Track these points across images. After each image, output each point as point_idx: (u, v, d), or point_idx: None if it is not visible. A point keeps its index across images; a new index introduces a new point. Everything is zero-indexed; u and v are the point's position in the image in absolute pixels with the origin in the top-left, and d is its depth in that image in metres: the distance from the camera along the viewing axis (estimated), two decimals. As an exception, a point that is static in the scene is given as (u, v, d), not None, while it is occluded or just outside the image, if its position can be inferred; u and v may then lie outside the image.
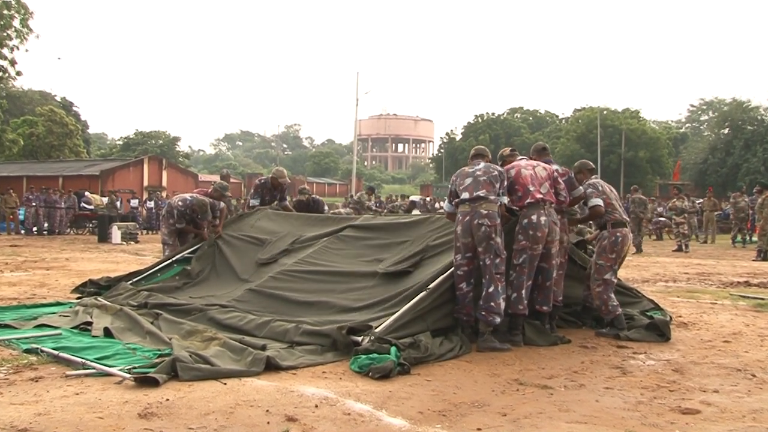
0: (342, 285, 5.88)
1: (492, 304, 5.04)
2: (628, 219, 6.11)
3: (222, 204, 8.42)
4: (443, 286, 5.16)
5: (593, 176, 6.16)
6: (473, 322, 5.19)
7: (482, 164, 5.49)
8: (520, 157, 5.94)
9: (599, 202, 5.82)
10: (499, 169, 5.50)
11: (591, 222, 6.54)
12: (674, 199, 17.91)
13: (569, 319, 6.08)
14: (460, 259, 5.20)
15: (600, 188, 5.93)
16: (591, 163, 6.40)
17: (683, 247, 16.94)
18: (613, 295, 5.74)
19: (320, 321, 5.22)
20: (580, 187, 5.92)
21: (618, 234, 5.79)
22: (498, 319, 5.05)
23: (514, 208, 5.45)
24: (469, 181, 5.36)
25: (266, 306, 5.86)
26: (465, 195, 5.31)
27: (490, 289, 5.08)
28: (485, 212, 5.15)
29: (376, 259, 6.11)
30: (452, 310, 5.18)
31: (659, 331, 5.47)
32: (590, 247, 6.57)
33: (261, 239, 7.42)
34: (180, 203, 8.29)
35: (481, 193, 5.23)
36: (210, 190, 8.56)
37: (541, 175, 5.53)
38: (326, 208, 9.11)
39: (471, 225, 5.16)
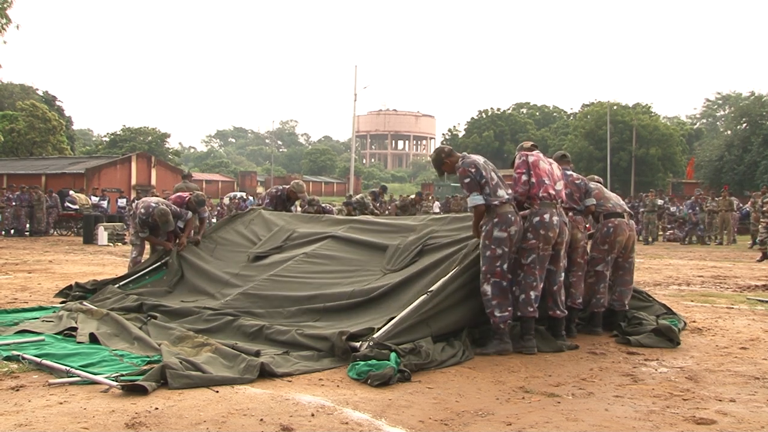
0: (344, 275, 5.85)
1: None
2: (628, 211, 6.11)
3: (189, 214, 8.06)
4: (446, 289, 5.01)
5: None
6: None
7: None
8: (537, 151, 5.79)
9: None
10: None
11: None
12: (762, 197, 15.54)
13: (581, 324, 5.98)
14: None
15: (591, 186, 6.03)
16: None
17: None
18: (602, 290, 5.79)
19: (320, 324, 5.15)
20: (593, 198, 5.92)
21: (610, 224, 5.87)
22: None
23: (521, 199, 5.31)
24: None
25: (264, 305, 5.78)
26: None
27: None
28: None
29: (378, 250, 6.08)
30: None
31: (668, 336, 5.36)
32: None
33: (254, 239, 7.30)
34: (143, 210, 7.88)
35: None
36: (187, 199, 8.23)
37: (556, 173, 5.49)
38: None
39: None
